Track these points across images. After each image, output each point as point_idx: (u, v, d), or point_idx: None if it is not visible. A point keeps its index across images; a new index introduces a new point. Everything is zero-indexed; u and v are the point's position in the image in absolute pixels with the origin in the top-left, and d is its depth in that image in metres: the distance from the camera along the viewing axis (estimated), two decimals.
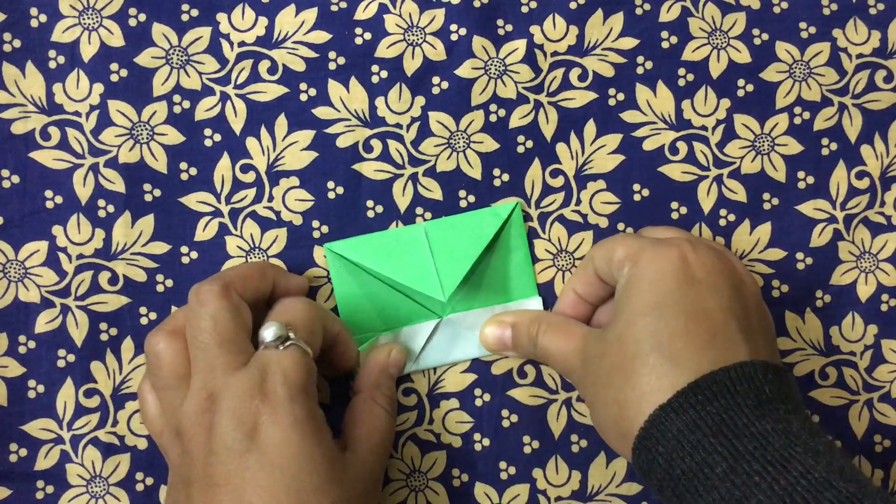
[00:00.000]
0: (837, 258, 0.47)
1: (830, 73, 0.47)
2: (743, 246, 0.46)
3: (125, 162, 0.45)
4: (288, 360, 0.38)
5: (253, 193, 0.45)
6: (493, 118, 0.46)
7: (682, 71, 0.46)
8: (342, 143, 0.46)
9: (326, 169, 0.46)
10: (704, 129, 0.46)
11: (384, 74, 0.46)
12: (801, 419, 0.35)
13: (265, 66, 0.46)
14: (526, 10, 0.46)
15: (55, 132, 0.45)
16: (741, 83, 0.46)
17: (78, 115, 0.45)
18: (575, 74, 0.46)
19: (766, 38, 0.46)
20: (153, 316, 0.45)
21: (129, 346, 0.45)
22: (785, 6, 0.47)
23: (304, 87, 0.46)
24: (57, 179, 0.45)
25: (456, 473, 0.46)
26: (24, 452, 0.45)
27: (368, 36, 0.46)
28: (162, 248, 0.45)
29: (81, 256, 0.45)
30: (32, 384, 0.45)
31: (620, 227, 0.46)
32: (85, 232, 0.45)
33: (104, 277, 0.45)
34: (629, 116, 0.46)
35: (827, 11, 0.47)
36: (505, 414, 0.46)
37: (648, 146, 0.46)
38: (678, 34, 0.46)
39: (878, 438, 0.46)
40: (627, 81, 0.46)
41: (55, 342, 0.45)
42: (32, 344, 0.45)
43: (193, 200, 0.45)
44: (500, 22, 0.46)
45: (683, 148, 0.46)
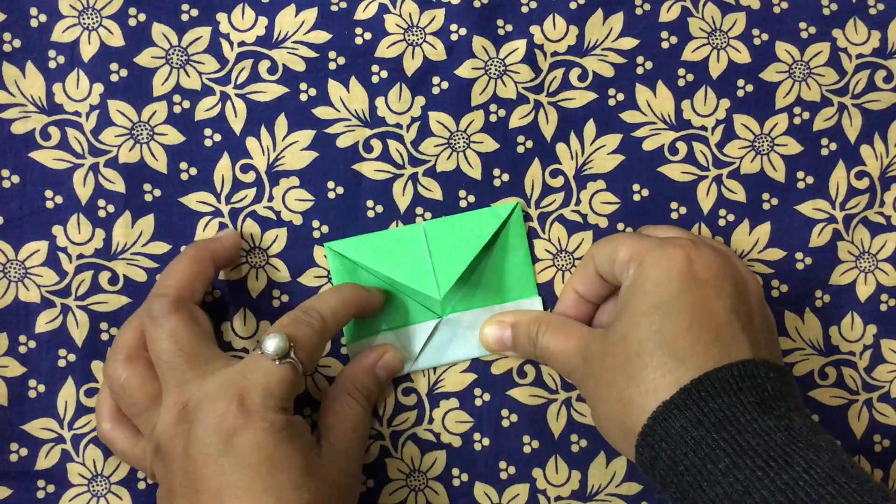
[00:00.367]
0: (837, 258, 0.47)
1: (830, 73, 0.47)
2: (742, 246, 0.46)
3: (125, 162, 0.45)
4: (276, 374, 0.38)
5: (253, 193, 0.45)
6: (493, 118, 0.46)
7: (681, 71, 0.46)
8: (342, 143, 0.46)
9: (326, 169, 0.46)
10: (704, 129, 0.46)
11: (384, 74, 0.46)
12: (801, 417, 0.35)
13: (265, 65, 0.45)
14: (526, 10, 0.46)
15: (55, 132, 0.45)
16: (741, 83, 0.46)
17: (78, 115, 0.45)
18: (575, 74, 0.46)
19: (765, 38, 0.46)
20: None
21: None
22: (785, 6, 0.47)
23: (304, 87, 0.46)
24: (57, 179, 0.45)
25: (456, 473, 0.46)
26: (24, 452, 0.45)
27: (368, 36, 0.46)
28: (162, 247, 0.45)
29: (81, 256, 0.45)
30: (33, 384, 0.45)
31: (620, 227, 0.46)
32: (85, 232, 0.45)
33: (104, 277, 0.45)
34: (629, 116, 0.46)
35: (827, 11, 0.47)
36: (505, 414, 0.46)
37: (648, 146, 0.46)
38: (678, 34, 0.46)
39: (877, 438, 0.46)
40: (627, 81, 0.46)
41: (55, 342, 0.45)
42: (33, 344, 0.45)
43: (193, 200, 0.45)
44: (500, 22, 0.46)
45: (683, 148, 0.46)
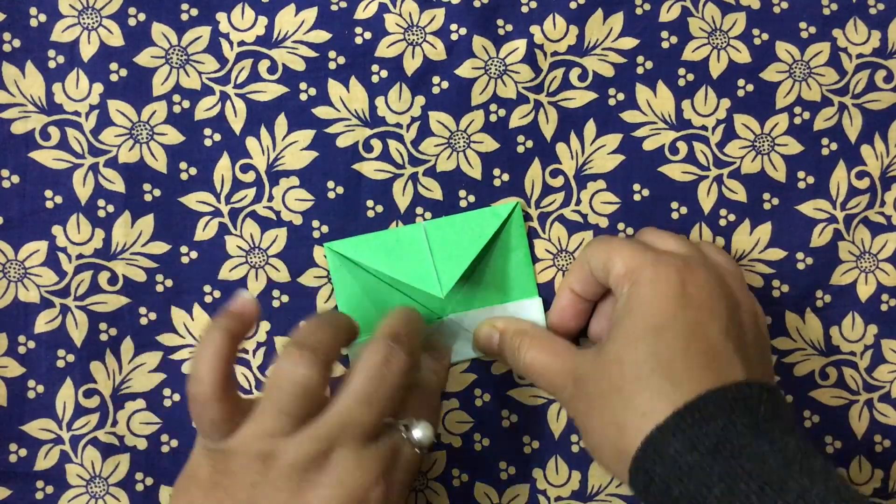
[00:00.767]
0: (837, 258, 0.47)
1: (830, 73, 0.47)
2: (743, 246, 0.46)
3: (125, 162, 0.45)
4: (417, 462, 0.38)
5: (253, 193, 0.45)
6: (493, 118, 0.46)
7: (682, 71, 0.46)
8: (342, 142, 0.46)
9: (326, 169, 0.46)
10: (704, 129, 0.46)
11: (384, 74, 0.46)
12: (796, 439, 0.35)
13: (265, 65, 0.45)
14: (526, 9, 0.46)
15: (55, 132, 0.45)
16: (741, 83, 0.46)
17: (78, 114, 0.45)
18: (575, 74, 0.46)
19: (766, 38, 0.46)
20: (153, 316, 0.45)
21: (128, 346, 0.45)
22: (785, 6, 0.47)
23: (304, 86, 0.46)
24: (57, 179, 0.45)
25: (456, 473, 0.46)
26: (23, 452, 0.45)
27: (368, 35, 0.46)
28: (162, 247, 0.45)
29: (81, 256, 0.45)
30: (32, 384, 0.45)
31: (620, 227, 0.46)
32: (85, 232, 0.45)
33: (104, 277, 0.45)
34: (629, 116, 0.46)
35: (827, 11, 0.47)
36: (505, 414, 0.46)
37: (648, 146, 0.46)
38: (678, 34, 0.46)
39: (878, 438, 0.46)
40: (627, 81, 0.46)
41: (55, 342, 0.45)
42: (32, 344, 0.45)
43: (193, 200, 0.45)
44: (500, 22, 0.46)
45: (683, 148, 0.46)
